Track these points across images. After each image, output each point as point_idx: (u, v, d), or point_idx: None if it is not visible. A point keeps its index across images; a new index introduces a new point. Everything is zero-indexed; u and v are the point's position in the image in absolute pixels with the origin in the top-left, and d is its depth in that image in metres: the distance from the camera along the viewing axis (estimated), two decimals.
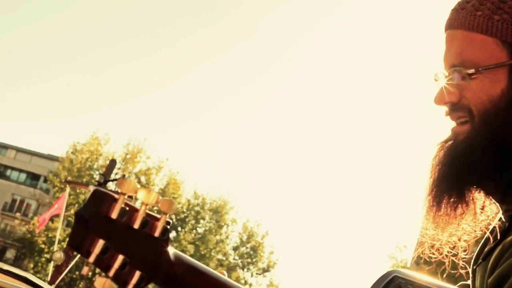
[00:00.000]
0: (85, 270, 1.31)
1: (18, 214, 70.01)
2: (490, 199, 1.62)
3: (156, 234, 1.32)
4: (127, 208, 1.31)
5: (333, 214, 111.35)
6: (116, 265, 1.27)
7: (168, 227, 1.35)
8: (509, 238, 1.44)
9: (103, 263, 1.28)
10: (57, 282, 17.67)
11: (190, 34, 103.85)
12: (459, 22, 1.56)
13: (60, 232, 23.20)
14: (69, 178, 47.75)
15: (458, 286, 1.72)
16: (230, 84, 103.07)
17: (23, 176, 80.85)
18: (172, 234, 53.28)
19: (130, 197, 1.30)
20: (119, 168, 49.70)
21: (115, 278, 1.28)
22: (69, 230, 46.02)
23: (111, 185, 27.79)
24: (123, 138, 78.68)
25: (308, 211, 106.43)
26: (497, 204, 1.59)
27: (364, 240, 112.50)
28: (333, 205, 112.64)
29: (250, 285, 58.39)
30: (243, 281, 58.16)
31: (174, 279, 1.33)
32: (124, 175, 31.30)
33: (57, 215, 21.08)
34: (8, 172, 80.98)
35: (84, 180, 47.11)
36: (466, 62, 1.54)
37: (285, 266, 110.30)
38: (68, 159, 52.21)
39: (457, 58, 1.55)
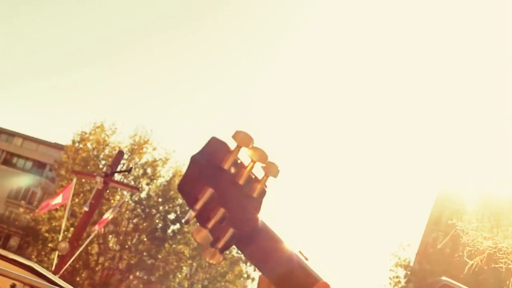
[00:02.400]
0: (190, 215, 1.28)
1: (23, 202, 69.98)
2: None
3: (255, 194, 1.30)
4: (238, 162, 1.30)
5: (337, 211, 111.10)
6: (216, 217, 1.26)
7: (266, 190, 1.33)
8: None
9: (205, 213, 1.27)
10: (61, 272, 17.74)
11: (199, 23, 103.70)
12: None
13: (65, 222, 23.12)
14: (74, 167, 47.63)
15: None
16: (241, 76, 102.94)
17: (29, 164, 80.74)
18: (176, 226, 53.20)
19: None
20: (125, 159, 49.60)
21: (211, 231, 1.27)
22: (73, 220, 45.97)
23: (117, 177, 27.79)
24: (130, 129, 78.46)
25: (312, 208, 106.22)
26: None
27: (367, 238, 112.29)
28: (337, 201, 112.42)
29: (253, 279, 58.31)
30: (245, 275, 58.14)
31: (255, 245, 1.32)
32: (131, 167, 31.35)
33: (63, 205, 20.92)
34: (15, 159, 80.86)
35: (90, 169, 46.98)
36: None
37: None
38: (74, 148, 52.10)
39: None
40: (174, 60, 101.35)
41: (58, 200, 20.63)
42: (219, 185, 1.26)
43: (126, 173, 47.83)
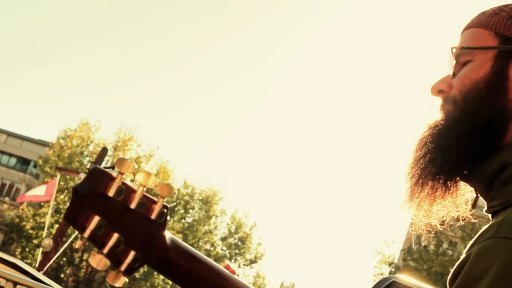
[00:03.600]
0: (78, 244, 1.31)
1: (7, 199, 69.73)
2: (477, 195, 1.71)
3: (153, 216, 1.31)
4: (124, 188, 1.30)
5: (321, 208, 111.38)
6: (111, 243, 1.28)
7: (165, 210, 1.33)
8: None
9: (98, 239, 1.29)
10: (45, 268, 17.70)
11: (185, 24, 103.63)
12: (472, 22, 1.72)
13: (49, 218, 23.07)
14: (59, 164, 47.58)
15: None
16: (223, 75, 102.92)
17: (13, 161, 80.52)
18: None
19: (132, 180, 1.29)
20: (109, 156, 49.58)
21: (109, 256, 1.29)
22: (57, 217, 45.92)
23: None
24: (115, 126, 78.37)
25: (297, 204, 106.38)
26: (485, 201, 1.66)
27: (351, 235, 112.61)
28: (322, 198, 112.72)
29: (237, 276, 58.28)
30: None
31: (169, 263, 1.32)
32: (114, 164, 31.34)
33: (48, 201, 20.88)
34: None
35: (74, 166, 46.95)
36: (465, 46, 1.68)
37: (273, 258, 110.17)
38: (58, 145, 52.02)
39: (458, 48, 1.69)
40: (158, 57, 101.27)
41: (40, 192, 20.57)
42: (106, 211, 1.27)
43: (110, 169, 47.82)
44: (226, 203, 60.48)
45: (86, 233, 1.27)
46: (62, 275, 49.86)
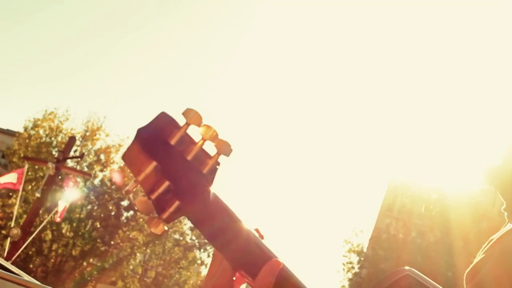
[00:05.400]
0: (131, 186, 1.28)
1: None
2: None
3: (205, 171, 1.31)
4: (186, 138, 1.30)
5: (290, 196, 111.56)
6: (160, 189, 1.26)
7: (218, 167, 1.34)
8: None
9: (149, 184, 1.27)
10: (13, 258, 17.63)
11: (149, 10, 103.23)
12: None
13: (17, 208, 22.91)
14: (27, 154, 47.34)
15: None
16: (193, 60, 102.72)
17: None
18: (130, 213, 53.03)
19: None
20: (78, 146, 49.41)
21: (155, 202, 1.27)
22: (25, 206, 45.67)
23: (69, 163, 27.54)
24: (83, 115, 77.87)
25: (265, 192, 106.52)
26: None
27: (320, 224, 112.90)
28: (290, 187, 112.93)
29: (207, 265, 58.37)
30: (199, 262, 58.22)
31: (205, 219, 1.33)
32: (83, 153, 31.19)
33: (16, 191, 20.74)
34: None
35: (43, 156, 46.64)
36: None
37: None
38: (26, 134, 51.73)
39: None
40: (125, 45, 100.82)
41: (11, 179, 20.44)
42: (163, 159, 1.27)
43: (79, 159, 47.70)
44: None
45: (141, 177, 1.25)
46: (31, 266, 49.61)
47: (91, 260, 54.12)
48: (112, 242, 52.11)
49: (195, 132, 1.30)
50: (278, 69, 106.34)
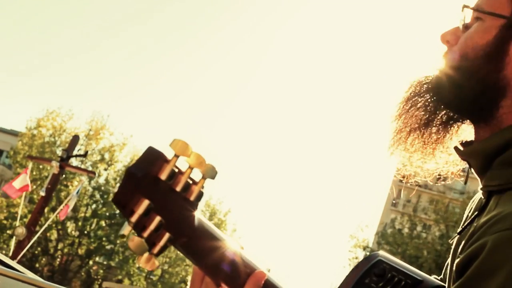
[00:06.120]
0: (127, 230, 1.27)
1: None
2: (470, 169, 1.65)
3: (192, 198, 1.30)
4: (176, 171, 1.29)
5: (295, 193, 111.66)
6: (152, 226, 1.25)
7: (203, 191, 1.32)
8: (482, 219, 1.44)
9: (141, 223, 1.26)
10: (19, 257, 17.63)
11: (157, 8, 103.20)
12: None
13: (22, 208, 22.93)
14: (31, 154, 47.35)
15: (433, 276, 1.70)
16: (198, 59, 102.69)
17: None
18: None
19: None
20: (82, 145, 49.40)
21: (147, 239, 1.26)
22: (31, 206, 45.72)
23: (73, 161, 27.54)
24: (87, 115, 77.93)
25: (271, 190, 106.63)
26: (478, 178, 1.61)
27: (326, 220, 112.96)
28: (296, 185, 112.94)
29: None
30: None
31: (191, 245, 1.32)
32: (86, 151, 31.19)
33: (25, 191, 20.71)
34: None
35: (46, 156, 46.65)
36: (476, 7, 1.60)
37: (247, 244, 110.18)
38: (30, 134, 51.75)
39: (472, 7, 1.61)
40: (131, 43, 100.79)
41: (22, 182, 20.41)
42: (155, 195, 1.26)
43: (84, 158, 47.74)
44: None
45: (134, 218, 1.23)
46: (37, 265, 49.73)
47: (97, 258, 54.24)
48: (117, 241, 52.14)
49: (181, 161, 1.29)
50: (290, 63, 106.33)
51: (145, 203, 1.24)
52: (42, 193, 20.11)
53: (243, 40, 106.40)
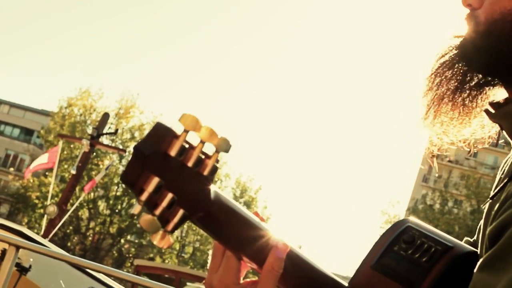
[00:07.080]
0: (136, 209, 1.23)
1: (11, 169, 70.01)
2: (501, 130, 1.59)
3: (205, 172, 1.26)
4: (187, 146, 1.25)
5: (326, 170, 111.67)
6: (164, 203, 1.21)
7: (217, 165, 1.28)
8: None
9: (152, 200, 1.22)
10: (50, 235, 17.75)
11: None
12: None
13: (54, 186, 23.08)
14: (62, 133, 47.72)
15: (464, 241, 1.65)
16: (228, 41, 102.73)
17: (16, 131, 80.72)
18: None
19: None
20: (112, 124, 49.63)
21: (159, 217, 1.22)
22: (62, 185, 46.09)
23: (104, 140, 27.65)
24: (117, 93, 78.37)
25: (301, 167, 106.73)
26: (511, 140, 1.55)
27: (357, 195, 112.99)
28: (327, 161, 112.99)
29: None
30: None
31: (208, 219, 1.29)
32: (116, 129, 31.29)
33: (51, 169, 20.86)
34: (2, 127, 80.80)
35: (77, 135, 46.99)
36: None
37: (279, 221, 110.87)
38: (61, 114, 52.12)
39: None
40: (162, 25, 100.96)
41: (43, 159, 20.64)
42: (166, 172, 1.22)
43: (114, 136, 47.97)
44: (230, 168, 60.57)
45: (144, 196, 1.19)
46: (69, 244, 50.21)
47: (128, 237, 54.67)
48: None
49: (193, 136, 1.23)
50: (314, 49, 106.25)
51: (155, 180, 1.20)
52: (73, 171, 20.21)
53: (276, 11, 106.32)
